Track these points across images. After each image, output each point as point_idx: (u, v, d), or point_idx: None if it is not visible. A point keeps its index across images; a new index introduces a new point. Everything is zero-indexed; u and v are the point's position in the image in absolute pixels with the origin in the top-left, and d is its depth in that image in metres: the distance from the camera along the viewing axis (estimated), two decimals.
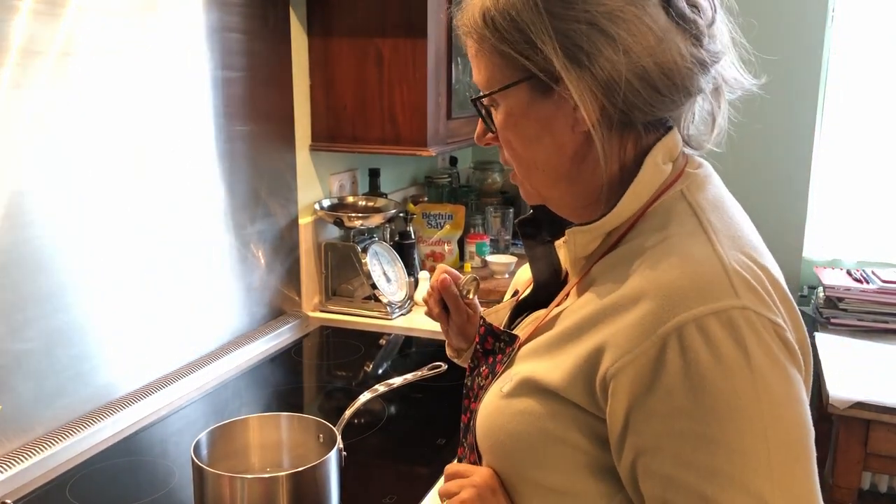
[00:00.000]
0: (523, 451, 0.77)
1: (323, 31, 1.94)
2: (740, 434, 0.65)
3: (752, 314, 0.68)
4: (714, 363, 0.66)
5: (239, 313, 1.76)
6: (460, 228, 2.34)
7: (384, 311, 2.00)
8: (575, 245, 0.81)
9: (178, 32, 1.51)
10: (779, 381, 0.67)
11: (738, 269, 0.70)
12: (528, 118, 0.78)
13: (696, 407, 0.66)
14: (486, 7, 0.78)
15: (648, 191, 0.78)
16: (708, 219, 0.75)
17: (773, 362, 0.67)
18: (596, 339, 0.72)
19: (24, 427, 1.25)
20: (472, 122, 2.33)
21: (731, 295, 0.68)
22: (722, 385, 0.66)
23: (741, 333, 0.67)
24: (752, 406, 0.66)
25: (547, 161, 0.80)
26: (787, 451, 0.67)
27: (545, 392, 0.76)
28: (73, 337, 1.33)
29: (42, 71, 1.23)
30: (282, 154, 1.88)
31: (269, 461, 1.17)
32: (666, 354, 0.67)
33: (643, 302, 0.70)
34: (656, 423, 0.68)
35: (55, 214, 1.28)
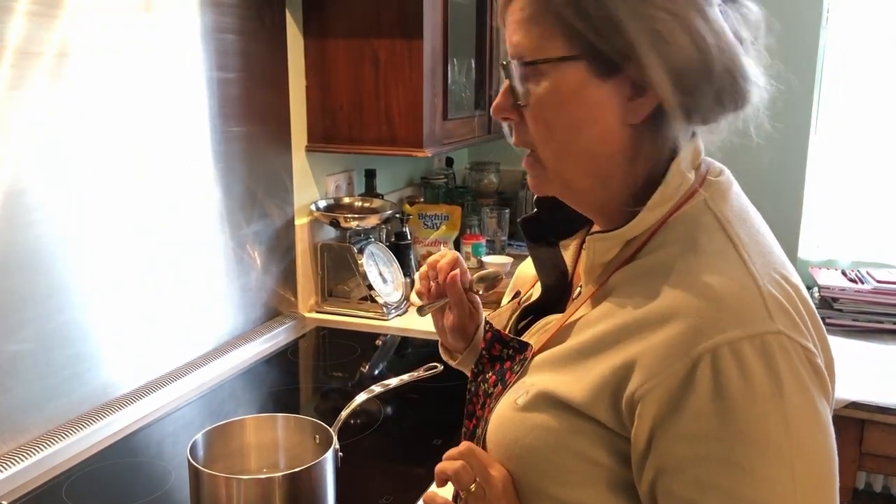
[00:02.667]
0: (541, 466, 0.75)
1: (319, 32, 1.94)
2: (766, 461, 0.64)
3: (785, 339, 0.66)
4: (745, 389, 0.64)
5: (235, 314, 1.76)
6: (456, 229, 2.34)
7: (380, 311, 2.00)
8: (594, 252, 0.78)
9: (175, 33, 1.51)
10: (807, 410, 0.66)
11: (771, 290, 0.68)
12: (578, 100, 0.72)
13: (723, 431, 0.64)
14: None
15: (674, 199, 0.74)
16: (737, 234, 0.72)
17: (803, 391, 0.66)
18: (623, 356, 0.69)
19: (20, 428, 1.25)
20: (468, 124, 2.34)
21: (766, 319, 0.66)
22: (751, 412, 0.64)
23: (775, 360, 0.65)
24: (781, 435, 0.64)
25: (586, 151, 0.74)
26: (811, 481, 0.66)
27: (565, 407, 0.73)
28: (69, 338, 1.33)
29: (39, 72, 1.23)
30: (278, 155, 1.88)
31: (266, 462, 1.17)
32: (696, 377, 0.65)
33: (676, 321, 0.67)
34: (681, 445, 0.66)
35: (52, 215, 1.28)
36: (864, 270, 2.58)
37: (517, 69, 0.75)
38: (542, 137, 0.76)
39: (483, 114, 2.32)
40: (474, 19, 2.26)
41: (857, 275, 2.55)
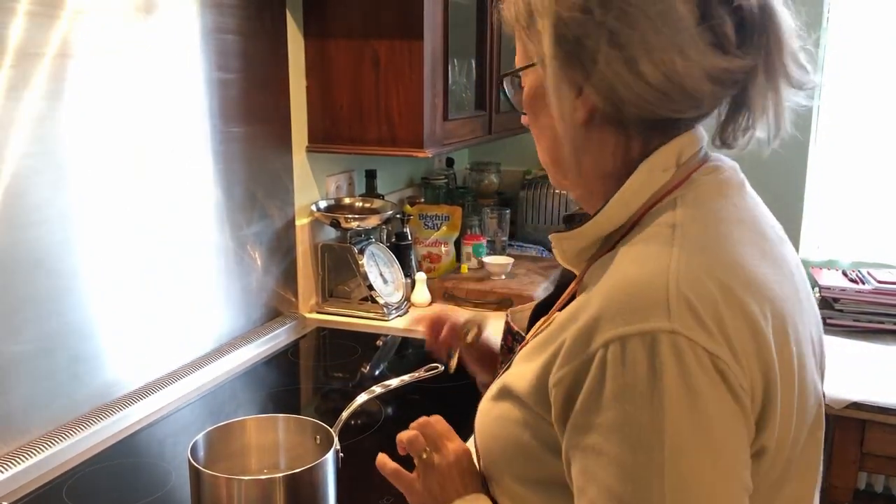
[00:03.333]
0: (497, 455, 0.78)
1: (319, 32, 1.94)
2: (636, 457, 0.63)
3: (682, 339, 0.63)
4: (624, 383, 0.64)
5: (236, 315, 1.76)
6: (457, 230, 2.34)
7: (381, 312, 2.00)
8: (562, 252, 0.81)
9: (175, 34, 1.51)
10: (687, 411, 0.63)
11: (684, 290, 0.65)
12: (540, 101, 0.77)
13: (600, 420, 0.65)
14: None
15: (639, 198, 0.74)
16: (684, 233, 0.70)
17: (689, 391, 0.63)
18: (554, 347, 0.70)
19: (21, 428, 1.25)
20: (469, 124, 2.35)
21: (663, 317, 0.64)
22: (625, 407, 0.63)
23: (659, 358, 0.63)
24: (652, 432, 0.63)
25: (550, 146, 0.80)
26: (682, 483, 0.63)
27: (516, 399, 0.75)
28: (70, 339, 1.33)
29: (39, 73, 1.23)
30: (278, 155, 1.88)
31: (266, 463, 1.17)
32: (589, 369, 0.66)
33: (589, 312, 0.67)
34: (573, 435, 0.68)
35: (53, 216, 1.28)
36: (865, 271, 2.58)
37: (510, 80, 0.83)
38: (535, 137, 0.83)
39: (483, 114, 2.32)
40: (475, 20, 2.26)
41: (858, 275, 2.55)
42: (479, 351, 1.09)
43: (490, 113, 2.35)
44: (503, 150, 2.98)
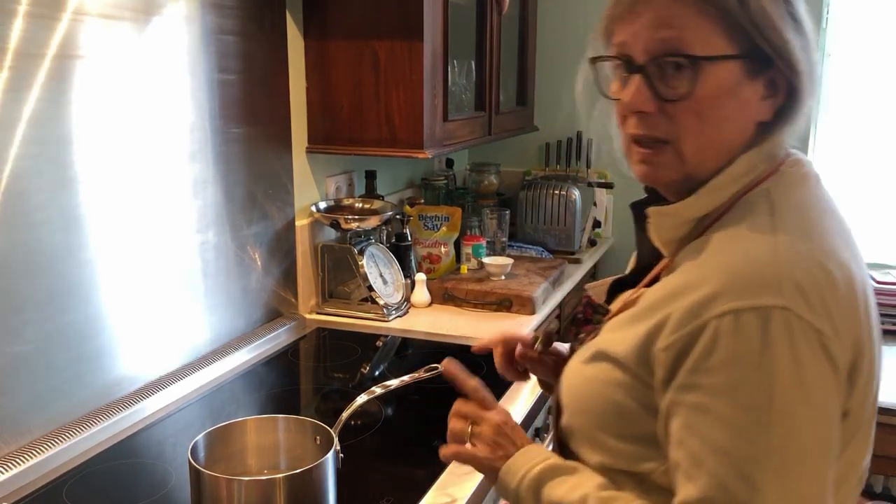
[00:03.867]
0: (591, 412, 0.86)
1: (319, 33, 1.95)
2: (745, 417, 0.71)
3: (792, 316, 0.71)
4: (737, 351, 0.71)
5: (236, 315, 1.76)
6: (457, 230, 2.35)
7: (381, 312, 2.00)
8: (658, 228, 0.87)
9: (175, 35, 1.52)
10: (794, 379, 0.70)
11: (793, 272, 0.73)
12: (733, 96, 0.80)
13: (710, 381, 0.72)
14: None
15: (735, 186, 0.81)
16: (782, 218, 0.78)
17: (795, 361, 0.70)
18: (658, 318, 0.78)
19: (21, 429, 1.25)
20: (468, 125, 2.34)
21: (775, 294, 0.72)
22: (739, 366, 0.71)
23: (772, 331, 0.71)
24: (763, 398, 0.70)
25: (727, 142, 0.82)
26: (786, 447, 0.70)
27: (612, 361, 0.83)
28: (70, 339, 1.33)
29: (39, 74, 1.23)
30: (278, 156, 1.89)
31: (267, 463, 1.17)
32: (700, 337, 0.73)
33: (701, 288, 0.75)
34: (681, 393, 0.75)
35: (53, 217, 1.28)
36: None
37: (667, 64, 0.79)
38: (690, 130, 0.81)
39: (483, 115, 2.32)
40: (474, 21, 2.26)
41: None
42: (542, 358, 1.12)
43: (490, 114, 2.35)
44: (503, 150, 2.98)
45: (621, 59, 0.83)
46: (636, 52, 0.81)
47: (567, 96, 2.92)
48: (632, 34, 0.81)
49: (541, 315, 2.10)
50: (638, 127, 0.83)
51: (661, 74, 0.80)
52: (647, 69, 0.80)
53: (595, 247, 2.81)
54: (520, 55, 2.69)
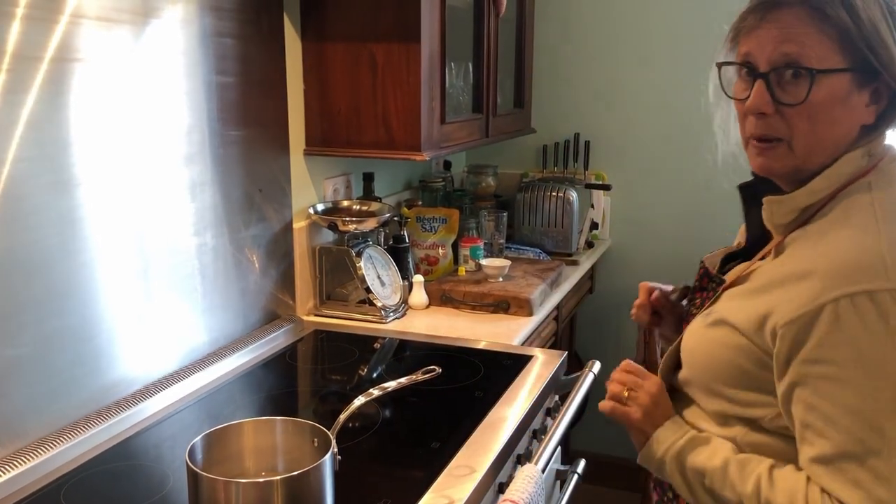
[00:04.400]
0: (710, 367, 1.02)
1: (317, 35, 1.95)
2: (869, 382, 0.86)
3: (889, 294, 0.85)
4: (860, 327, 0.86)
5: (233, 317, 1.76)
6: (454, 232, 2.35)
7: (378, 314, 2.00)
8: (771, 214, 1.02)
9: (173, 37, 1.52)
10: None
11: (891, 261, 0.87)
12: (842, 104, 0.93)
13: (837, 355, 0.87)
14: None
15: (839, 180, 0.95)
16: (884, 213, 0.92)
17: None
18: (774, 297, 0.93)
19: (18, 432, 1.25)
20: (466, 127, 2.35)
21: (883, 279, 0.86)
22: (862, 341, 0.86)
23: (885, 309, 0.85)
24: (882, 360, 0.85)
25: (834, 142, 0.96)
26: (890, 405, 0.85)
27: (732, 328, 0.98)
28: (67, 342, 1.33)
29: (37, 77, 1.23)
30: (276, 158, 1.89)
31: (264, 465, 1.17)
32: (821, 317, 0.87)
33: (812, 277, 0.90)
34: (808, 366, 0.89)
35: (50, 219, 1.28)
36: None
37: (786, 73, 0.94)
38: (802, 130, 0.95)
39: (481, 117, 2.32)
40: (472, 23, 2.27)
41: None
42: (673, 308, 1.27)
43: (487, 116, 2.35)
44: (500, 152, 2.98)
45: (746, 66, 0.98)
46: (760, 61, 0.95)
47: (565, 98, 2.93)
48: (758, 45, 0.95)
49: (538, 317, 2.10)
50: (757, 126, 0.97)
51: (780, 81, 0.94)
52: (769, 76, 0.94)
53: (592, 248, 2.82)
54: (517, 57, 2.69)
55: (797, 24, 0.92)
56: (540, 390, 1.58)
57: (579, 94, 2.90)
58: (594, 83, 2.89)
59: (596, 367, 1.73)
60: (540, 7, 2.85)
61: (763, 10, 0.95)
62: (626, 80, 2.84)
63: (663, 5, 2.76)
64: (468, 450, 1.33)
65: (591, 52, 2.87)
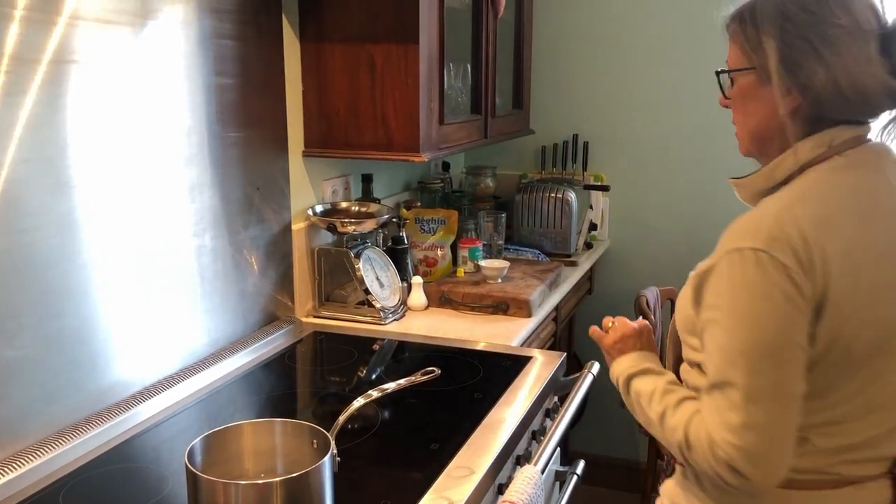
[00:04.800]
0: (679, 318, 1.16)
1: (315, 37, 1.95)
2: (731, 319, 1.01)
3: (763, 255, 0.98)
4: (730, 277, 1.01)
5: (232, 319, 1.76)
6: (453, 233, 2.35)
7: (377, 316, 2.00)
8: (737, 193, 1.16)
9: (171, 39, 1.52)
10: (758, 295, 0.99)
11: (774, 226, 0.99)
12: (752, 97, 1.09)
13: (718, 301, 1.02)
14: (742, 9, 1.09)
15: (785, 168, 1.07)
16: (801, 195, 1.04)
17: (762, 281, 0.98)
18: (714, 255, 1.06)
19: (17, 434, 1.25)
20: (465, 128, 2.35)
21: (756, 240, 0.99)
22: (731, 289, 1.01)
23: (748, 264, 0.99)
24: (741, 305, 1.00)
25: (755, 129, 1.11)
26: (747, 342, 0.99)
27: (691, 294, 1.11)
28: (66, 344, 1.33)
29: (35, 79, 1.23)
30: (275, 160, 1.89)
31: (263, 467, 1.17)
32: (714, 270, 1.03)
33: (722, 238, 1.05)
34: (704, 312, 1.05)
35: (49, 221, 1.28)
36: None
37: (723, 77, 1.14)
38: (738, 121, 1.14)
39: (479, 118, 2.32)
40: (470, 24, 2.27)
41: None
42: None
43: (486, 117, 2.35)
44: (499, 153, 2.99)
45: None
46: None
47: (563, 99, 2.93)
48: None
49: (537, 318, 2.11)
50: None
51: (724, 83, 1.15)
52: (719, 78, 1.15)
53: (591, 249, 2.82)
54: (515, 58, 2.69)
55: (732, 37, 1.12)
56: (539, 391, 1.59)
57: (578, 95, 2.91)
58: (593, 84, 2.89)
59: (595, 367, 1.73)
60: (538, 8, 2.85)
61: None
62: (624, 82, 2.85)
63: (662, 7, 2.76)
64: (467, 451, 1.33)
65: (590, 53, 2.87)
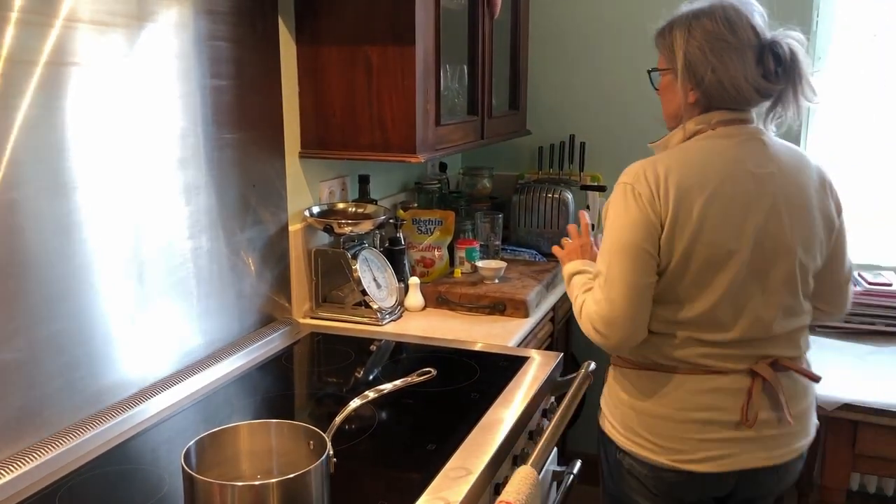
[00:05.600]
0: None
1: (311, 38, 1.95)
2: (608, 229, 1.46)
3: (628, 186, 1.44)
4: (612, 202, 1.47)
5: (229, 320, 1.76)
6: (450, 234, 2.35)
7: (374, 317, 2.00)
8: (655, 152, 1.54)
9: (167, 41, 1.52)
10: (621, 213, 1.43)
11: (640, 169, 1.44)
12: (670, 90, 1.51)
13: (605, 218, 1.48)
14: (664, 26, 1.52)
15: (678, 137, 1.51)
16: (675, 153, 1.48)
17: (626, 205, 1.43)
18: None
19: (13, 436, 1.25)
20: (461, 129, 2.35)
21: (627, 178, 1.45)
22: (609, 210, 1.47)
23: (619, 192, 1.45)
24: (609, 220, 1.47)
25: (672, 112, 1.54)
26: (611, 246, 1.44)
27: None
28: (62, 346, 1.33)
29: (31, 81, 1.23)
30: (271, 161, 1.89)
31: (260, 468, 1.17)
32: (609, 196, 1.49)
33: None
34: None
35: (45, 223, 1.28)
36: (856, 272, 2.59)
37: (654, 75, 1.58)
38: (662, 105, 1.57)
39: (476, 119, 2.32)
40: (466, 25, 2.27)
41: None
42: None
43: (482, 118, 2.35)
44: (496, 154, 2.99)
45: None
46: None
47: (560, 99, 2.93)
48: None
49: (534, 318, 2.11)
50: None
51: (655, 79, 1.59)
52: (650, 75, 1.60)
53: None
54: (512, 59, 2.69)
55: (658, 46, 1.54)
56: (536, 391, 1.59)
57: (574, 95, 2.91)
58: (589, 84, 2.89)
59: (592, 367, 1.73)
60: (535, 8, 2.85)
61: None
62: (620, 82, 2.85)
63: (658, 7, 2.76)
64: (464, 451, 1.33)
65: (586, 53, 2.87)
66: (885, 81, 2.65)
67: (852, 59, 2.67)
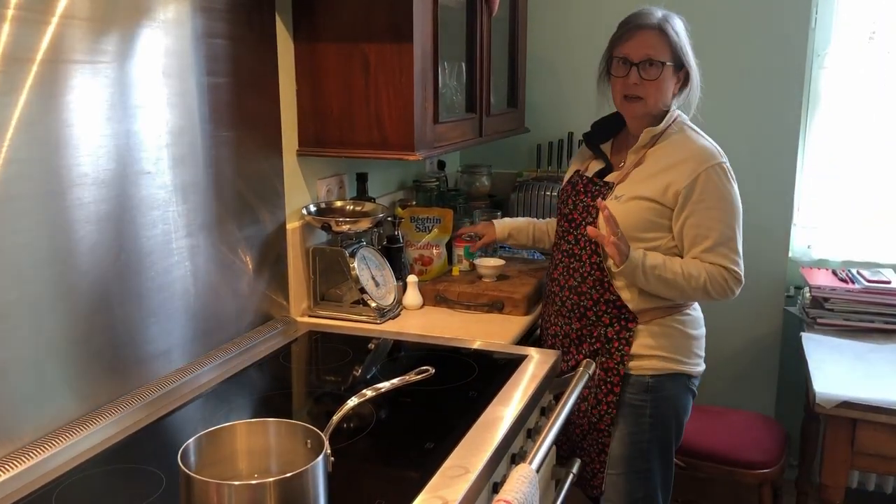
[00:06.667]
0: (631, 225, 1.80)
1: (309, 36, 1.95)
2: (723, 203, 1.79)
3: (725, 164, 1.81)
4: (717, 180, 1.78)
5: (227, 319, 1.76)
6: (448, 232, 2.35)
7: (373, 315, 2.00)
8: (642, 137, 1.84)
9: (164, 38, 1.51)
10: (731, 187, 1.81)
11: (717, 149, 1.83)
12: (668, 80, 1.81)
13: (709, 196, 1.77)
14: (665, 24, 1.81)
15: (664, 125, 1.83)
16: (696, 136, 1.85)
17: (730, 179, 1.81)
18: (668, 176, 1.79)
19: (10, 435, 1.24)
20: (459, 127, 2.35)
21: (718, 157, 1.80)
22: (718, 188, 1.78)
23: (722, 170, 1.79)
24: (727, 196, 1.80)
25: (665, 101, 1.84)
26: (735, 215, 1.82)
27: (644, 198, 1.80)
28: (59, 345, 1.32)
29: (28, 78, 1.23)
30: (269, 159, 1.88)
31: (257, 467, 1.17)
32: (699, 178, 1.77)
33: (689, 162, 1.79)
34: (695, 204, 1.78)
35: (40, 222, 1.27)
36: (855, 270, 2.59)
37: (646, 64, 1.79)
38: (653, 94, 1.81)
39: (474, 117, 2.32)
40: (464, 23, 2.26)
41: (848, 275, 2.56)
42: None
43: (481, 115, 2.35)
44: (494, 152, 2.98)
45: (623, 59, 1.82)
46: (633, 57, 1.80)
47: (558, 97, 2.93)
48: (632, 49, 1.81)
49: (533, 316, 2.10)
50: (629, 90, 1.82)
51: (643, 68, 1.80)
52: (638, 65, 1.80)
53: None
54: (510, 57, 2.69)
55: (652, 38, 1.79)
56: (534, 389, 1.58)
57: (572, 93, 2.90)
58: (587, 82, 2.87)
59: (590, 366, 1.73)
60: (533, 6, 2.85)
61: (633, 30, 1.81)
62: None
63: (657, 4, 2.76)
64: (462, 450, 1.33)
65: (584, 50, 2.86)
66: (884, 80, 2.65)
67: (852, 57, 2.67)
